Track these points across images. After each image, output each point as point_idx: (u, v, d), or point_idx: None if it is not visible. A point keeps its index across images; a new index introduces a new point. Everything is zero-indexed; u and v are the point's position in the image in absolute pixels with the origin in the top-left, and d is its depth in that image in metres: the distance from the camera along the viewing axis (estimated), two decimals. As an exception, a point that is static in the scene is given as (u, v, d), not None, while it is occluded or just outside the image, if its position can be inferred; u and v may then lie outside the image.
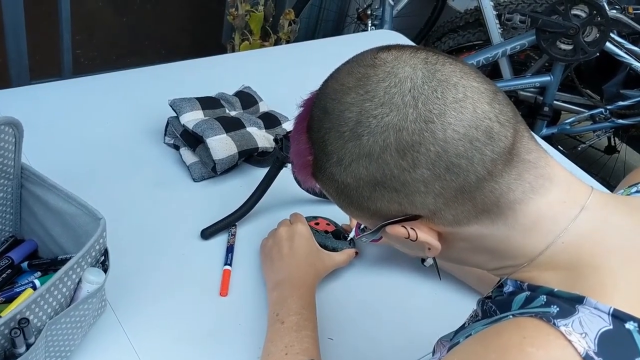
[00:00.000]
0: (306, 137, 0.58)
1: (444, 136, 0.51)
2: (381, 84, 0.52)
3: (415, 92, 0.51)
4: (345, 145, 0.53)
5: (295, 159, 0.60)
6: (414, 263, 1.00)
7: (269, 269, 0.90)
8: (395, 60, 0.53)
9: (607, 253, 0.53)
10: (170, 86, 1.23)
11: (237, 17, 2.27)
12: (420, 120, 0.51)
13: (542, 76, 2.31)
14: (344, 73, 0.56)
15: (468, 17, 2.45)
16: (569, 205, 0.54)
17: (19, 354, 0.63)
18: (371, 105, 0.52)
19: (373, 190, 0.54)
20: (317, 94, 0.58)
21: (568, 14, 2.11)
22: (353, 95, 0.53)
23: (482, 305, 0.62)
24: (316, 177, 0.58)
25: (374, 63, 0.54)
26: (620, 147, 2.56)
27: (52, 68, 2.20)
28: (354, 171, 0.54)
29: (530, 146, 0.54)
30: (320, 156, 0.56)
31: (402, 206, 0.54)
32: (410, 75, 0.52)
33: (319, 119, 0.56)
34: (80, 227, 0.75)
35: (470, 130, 0.51)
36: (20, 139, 0.74)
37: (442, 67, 0.53)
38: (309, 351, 0.77)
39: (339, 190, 0.56)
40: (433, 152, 0.51)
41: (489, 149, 0.51)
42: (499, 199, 0.53)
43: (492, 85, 0.54)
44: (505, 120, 0.53)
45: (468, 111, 0.51)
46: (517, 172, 0.53)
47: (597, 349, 0.47)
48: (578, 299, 0.50)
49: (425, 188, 0.52)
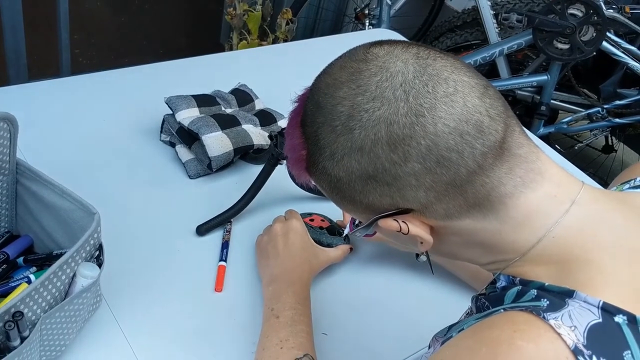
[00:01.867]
0: (300, 132, 0.58)
1: (435, 130, 0.51)
2: (373, 78, 0.53)
3: (407, 86, 0.52)
4: (337, 139, 0.54)
5: (289, 153, 0.60)
6: (408, 260, 1.00)
7: (264, 264, 0.91)
8: (387, 55, 0.54)
9: (597, 247, 0.53)
10: (166, 84, 1.23)
11: (235, 17, 2.28)
12: (411, 114, 0.51)
13: (539, 75, 2.31)
14: (336, 68, 0.56)
15: (465, 17, 2.46)
16: (560, 200, 0.55)
17: (13, 347, 0.64)
18: (363, 99, 0.53)
19: (365, 184, 0.54)
20: (310, 89, 0.58)
21: (565, 13, 2.11)
22: (345, 89, 0.54)
23: (476, 301, 0.62)
24: (310, 171, 0.59)
25: (366, 58, 0.54)
26: (617, 146, 2.57)
27: (51, 68, 2.20)
28: (346, 165, 0.54)
29: (521, 141, 0.55)
30: (314, 150, 0.56)
31: (394, 200, 0.55)
32: (402, 69, 0.53)
33: (312, 114, 0.56)
34: (75, 222, 0.75)
35: (460, 124, 0.51)
36: (15, 134, 0.74)
37: (433, 62, 0.53)
38: (303, 346, 0.78)
39: (332, 185, 0.57)
40: (424, 146, 0.51)
41: (480, 143, 0.52)
42: (490, 193, 0.53)
43: (482, 79, 0.55)
44: (495, 115, 0.53)
45: (458, 105, 0.52)
46: (508, 166, 0.53)
47: (586, 342, 0.48)
48: (568, 293, 0.51)
49: (416, 182, 0.53)
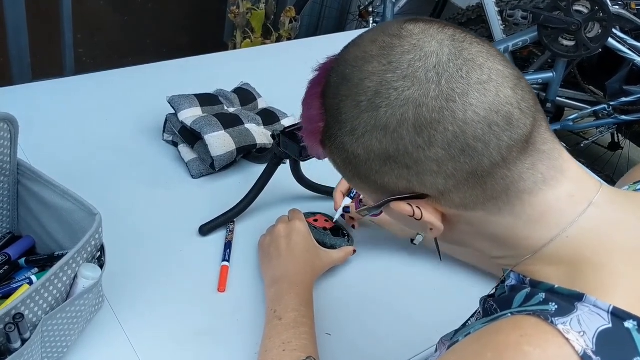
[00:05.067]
0: (319, 103, 0.55)
1: (464, 117, 0.49)
2: (406, 56, 0.51)
3: (440, 68, 0.50)
4: (360, 115, 0.52)
5: (305, 124, 0.58)
6: (413, 260, 0.99)
7: (267, 265, 0.90)
8: (422, 33, 0.52)
9: (610, 250, 0.52)
10: (169, 83, 1.23)
11: (238, 15, 2.27)
12: (442, 98, 0.49)
13: (545, 72, 2.30)
14: (367, 40, 0.53)
15: (470, 14, 2.44)
16: (577, 200, 0.54)
17: (14, 349, 0.63)
18: (393, 77, 0.50)
19: (383, 165, 0.53)
20: (336, 59, 0.56)
21: (570, 9, 2.10)
22: (375, 64, 0.51)
23: (484, 303, 0.62)
24: (324, 144, 0.57)
25: (400, 34, 0.52)
26: (623, 144, 2.55)
27: (54, 67, 2.20)
28: (367, 143, 0.52)
29: (546, 137, 0.53)
30: (333, 124, 0.54)
31: (411, 184, 0.53)
32: (437, 50, 0.51)
33: (336, 86, 0.54)
34: (77, 223, 0.75)
35: (490, 113, 0.50)
36: (16, 135, 0.73)
37: (469, 46, 0.51)
38: (306, 348, 0.77)
39: (347, 161, 0.55)
40: (451, 132, 0.50)
41: (507, 135, 0.50)
42: (510, 187, 0.52)
43: (516, 70, 0.53)
44: (526, 108, 0.51)
45: (491, 94, 0.50)
46: (531, 161, 0.52)
47: (595, 348, 0.46)
48: (577, 297, 0.50)
49: (437, 168, 0.51)
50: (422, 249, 0.98)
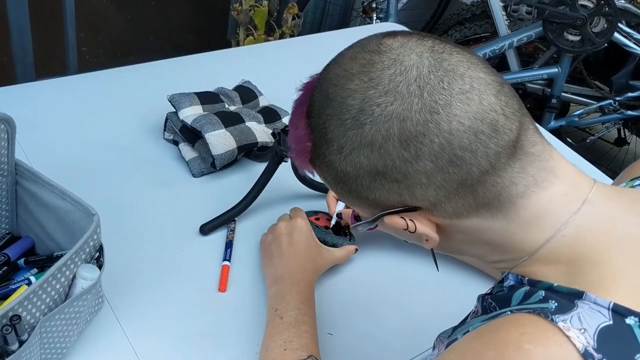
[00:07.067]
0: (305, 123, 0.56)
1: (449, 128, 0.50)
2: (386, 71, 0.51)
3: (421, 81, 0.50)
4: (346, 133, 0.52)
5: (293, 144, 0.58)
6: (414, 259, 0.98)
7: (268, 264, 0.89)
8: (401, 47, 0.52)
9: (608, 247, 0.52)
10: (171, 82, 1.22)
11: (241, 13, 2.27)
12: (425, 111, 0.50)
13: (550, 68, 2.28)
14: (347, 58, 0.54)
15: (474, 9, 2.43)
16: (571, 199, 0.53)
17: (11, 350, 0.63)
18: (375, 93, 0.51)
19: (373, 180, 0.53)
20: (318, 79, 0.56)
21: (575, 4, 2.08)
22: (356, 81, 0.52)
23: (482, 301, 0.61)
24: (314, 163, 0.57)
25: (379, 49, 0.52)
26: (630, 139, 2.53)
27: (58, 65, 2.21)
28: (355, 160, 0.53)
29: (534, 139, 0.53)
30: (320, 143, 0.55)
31: (402, 197, 0.53)
32: (417, 63, 0.51)
33: (320, 105, 0.54)
34: (75, 223, 0.74)
35: (475, 122, 0.50)
36: (13, 135, 0.73)
37: (449, 57, 0.51)
38: (308, 347, 0.77)
39: (338, 179, 0.55)
40: (437, 144, 0.50)
41: (494, 142, 0.50)
42: (501, 193, 0.52)
43: (498, 76, 0.53)
44: (510, 113, 0.51)
45: (474, 103, 0.50)
46: (520, 165, 0.52)
47: (596, 345, 0.46)
48: (577, 294, 0.49)
49: (427, 180, 0.51)
50: (423, 249, 0.97)
